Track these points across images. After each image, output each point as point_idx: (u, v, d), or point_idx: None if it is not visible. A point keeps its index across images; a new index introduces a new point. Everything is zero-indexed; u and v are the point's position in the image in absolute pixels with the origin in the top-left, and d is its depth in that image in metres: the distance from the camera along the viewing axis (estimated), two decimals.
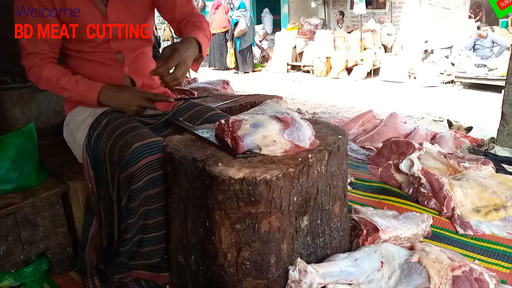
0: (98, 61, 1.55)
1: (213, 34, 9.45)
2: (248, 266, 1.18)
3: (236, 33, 9.65)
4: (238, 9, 9.81)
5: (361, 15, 9.13)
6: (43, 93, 2.16)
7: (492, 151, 2.76)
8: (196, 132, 1.40)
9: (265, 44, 11.35)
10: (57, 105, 2.22)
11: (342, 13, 11.14)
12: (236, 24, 9.63)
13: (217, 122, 1.32)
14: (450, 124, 3.73)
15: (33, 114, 2.14)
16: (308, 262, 1.27)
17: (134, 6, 1.56)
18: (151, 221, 1.39)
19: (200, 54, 1.48)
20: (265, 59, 11.20)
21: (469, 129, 3.48)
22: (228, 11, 10.01)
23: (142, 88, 1.62)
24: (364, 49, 9.23)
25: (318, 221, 1.33)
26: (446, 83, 7.30)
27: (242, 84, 8.46)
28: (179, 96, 1.83)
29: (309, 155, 1.22)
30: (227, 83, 4.03)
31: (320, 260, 1.36)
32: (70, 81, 1.48)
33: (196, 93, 2.99)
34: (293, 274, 1.21)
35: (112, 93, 1.50)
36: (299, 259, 1.25)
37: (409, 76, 8.18)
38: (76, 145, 1.54)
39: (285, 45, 10.26)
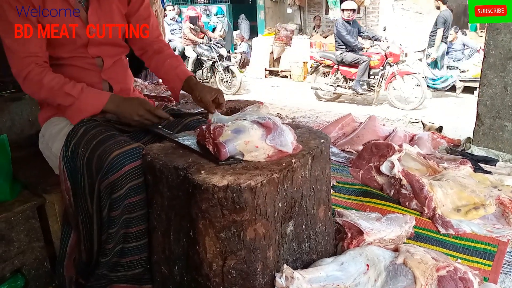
0: (77, 65, 1.52)
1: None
2: (234, 275, 1.15)
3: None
4: (215, 15, 9.82)
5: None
6: (16, 103, 2.09)
7: (469, 151, 2.81)
8: (176, 139, 1.37)
9: (244, 47, 11.32)
10: (31, 115, 2.14)
11: (319, 18, 11.29)
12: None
13: (198, 129, 1.30)
14: (424, 125, 3.81)
15: (5, 125, 2.07)
16: (295, 268, 1.26)
17: (112, 13, 1.56)
18: (132, 229, 1.35)
19: None
20: (244, 64, 11.18)
21: (440, 129, 3.56)
22: (200, 17, 9.96)
23: (120, 94, 1.59)
24: None
25: (303, 226, 1.32)
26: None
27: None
28: (157, 103, 1.81)
29: (293, 160, 1.21)
30: None
31: (306, 265, 1.35)
32: (75, 87, 1.43)
33: (172, 98, 2.97)
34: (280, 281, 1.19)
35: (120, 101, 1.48)
36: (285, 265, 1.23)
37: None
38: (53, 156, 1.49)
39: (262, 50, 10.31)
